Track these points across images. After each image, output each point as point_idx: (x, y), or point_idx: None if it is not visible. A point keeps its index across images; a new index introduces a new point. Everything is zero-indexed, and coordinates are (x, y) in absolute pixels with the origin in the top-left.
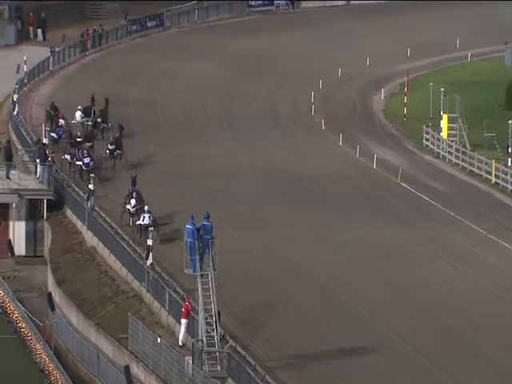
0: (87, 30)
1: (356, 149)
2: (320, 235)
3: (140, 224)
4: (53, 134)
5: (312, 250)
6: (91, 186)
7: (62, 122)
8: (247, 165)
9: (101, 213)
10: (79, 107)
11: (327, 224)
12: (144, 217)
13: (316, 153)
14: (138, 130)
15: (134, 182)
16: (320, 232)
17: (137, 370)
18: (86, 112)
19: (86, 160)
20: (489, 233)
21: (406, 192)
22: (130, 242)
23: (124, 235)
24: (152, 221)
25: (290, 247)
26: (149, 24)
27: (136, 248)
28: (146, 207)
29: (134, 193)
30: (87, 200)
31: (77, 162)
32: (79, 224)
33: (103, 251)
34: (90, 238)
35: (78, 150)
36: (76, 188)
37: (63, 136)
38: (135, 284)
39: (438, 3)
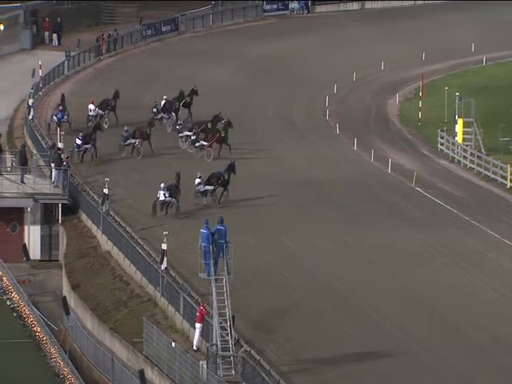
0: (102, 34)
1: (371, 153)
2: (335, 240)
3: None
4: (54, 118)
5: (327, 254)
6: (106, 191)
7: (91, 107)
8: (262, 170)
9: (115, 217)
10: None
11: (342, 229)
12: (160, 193)
13: (331, 157)
14: (153, 133)
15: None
16: (335, 237)
17: (151, 375)
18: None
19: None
20: (504, 237)
21: (420, 196)
22: (145, 247)
23: (139, 239)
24: (167, 197)
25: (304, 252)
26: (163, 28)
27: (151, 252)
28: (162, 184)
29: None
30: (102, 204)
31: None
32: (94, 228)
33: (118, 255)
34: (105, 243)
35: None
36: (91, 192)
37: (62, 120)
38: (150, 288)
39: (451, 7)
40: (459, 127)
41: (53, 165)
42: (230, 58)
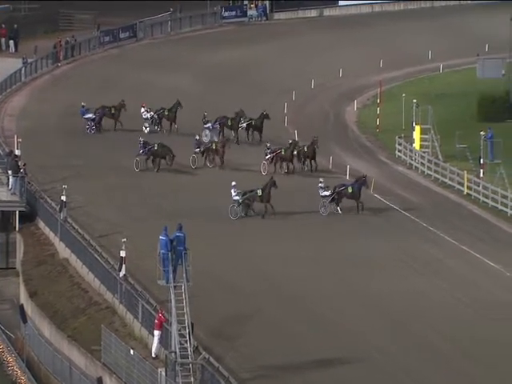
0: (60, 40)
1: (329, 160)
2: (294, 247)
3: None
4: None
5: (286, 262)
6: (64, 198)
7: (142, 110)
8: (221, 177)
9: (73, 224)
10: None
11: (300, 236)
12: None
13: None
14: (110, 141)
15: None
16: (294, 244)
17: (109, 382)
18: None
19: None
20: (461, 244)
21: (378, 203)
22: (103, 254)
23: (97, 247)
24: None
25: (264, 259)
26: (122, 35)
27: (109, 259)
28: (233, 183)
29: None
30: (60, 211)
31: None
32: (52, 235)
33: (76, 263)
34: (63, 250)
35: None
36: (48, 199)
37: (87, 116)
38: (108, 296)
39: (408, 16)
40: (416, 134)
41: (10, 172)
42: (189, 65)
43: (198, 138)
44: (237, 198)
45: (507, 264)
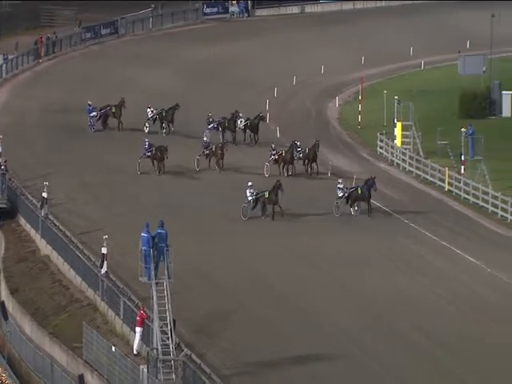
0: (41, 37)
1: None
2: (278, 243)
3: None
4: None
5: (269, 258)
6: (45, 194)
7: (148, 110)
8: (204, 174)
9: (55, 221)
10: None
11: (285, 232)
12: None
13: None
14: (91, 138)
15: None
16: (278, 240)
17: (91, 379)
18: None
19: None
20: (442, 240)
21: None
22: (85, 251)
23: (78, 243)
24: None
25: (246, 255)
26: (103, 31)
27: (91, 256)
28: (249, 183)
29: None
30: (41, 208)
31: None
32: (33, 232)
33: (57, 260)
34: (44, 247)
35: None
36: (30, 196)
37: (92, 115)
38: (89, 293)
39: (390, 13)
40: (398, 131)
41: None
42: (170, 62)
43: (205, 139)
44: (250, 198)
45: (488, 260)
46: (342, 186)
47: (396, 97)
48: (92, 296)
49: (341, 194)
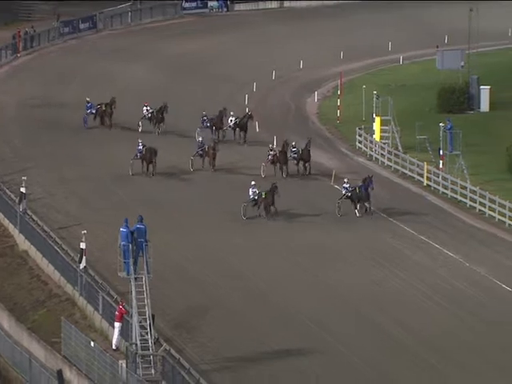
0: (19, 31)
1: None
2: (256, 238)
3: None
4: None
5: (247, 253)
6: (23, 189)
7: (144, 108)
8: (181, 167)
9: (33, 216)
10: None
11: (263, 227)
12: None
13: (250, 155)
14: (70, 132)
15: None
16: (256, 235)
17: (70, 375)
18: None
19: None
20: (420, 234)
21: (339, 194)
22: (63, 246)
23: (57, 239)
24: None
25: (225, 251)
26: (81, 26)
27: (69, 251)
28: (252, 182)
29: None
30: (19, 203)
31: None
32: (11, 227)
33: (36, 255)
34: (22, 242)
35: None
36: (8, 191)
37: (89, 111)
38: (68, 288)
39: (370, 7)
40: (377, 125)
41: None
42: (149, 57)
43: (200, 139)
44: (252, 197)
45: (467, 254)
46: (347, 186)
47: (375, 91)
48: (71, 291)
49: (343, 193)
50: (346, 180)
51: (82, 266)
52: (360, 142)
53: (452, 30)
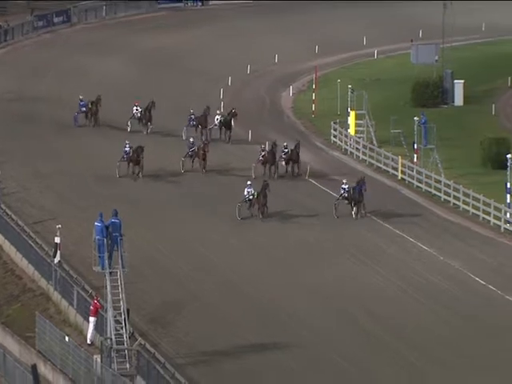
0: None
1: (265, 145)
2: (231, 233)
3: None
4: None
5: (223, 248)
6: None
7: (134, 108)
8: (160, 163)
9: (7, 210)
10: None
11: (239, 222)
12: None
13: (225, 149)
14: (44, 127)
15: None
16: (231, 230)
17: (44, 370)
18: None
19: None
20: (395, 228)
21: (314, 188)
22: (38, 240)
23: (31, 233)
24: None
25: (201, 245)
26: (55, 20)
27: (43, 246)
28: (248, 182)
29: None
30: None
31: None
32: None
33: (10, 249)
34: None
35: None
36: None
37: (82, 109)
38: (42, 282)
39: (345, 1)
40: (352, 119)
41: None
42: (124, 51)
43: (191, 140)
44: (246, 197)
45: (441, 248)
46: (346, 187)
47: (350, 86)
48: (45, 286)
49: (341, 193)
50: (344, 181)
51: (56, 260)
52: (335, 136)
53: (426, 25)
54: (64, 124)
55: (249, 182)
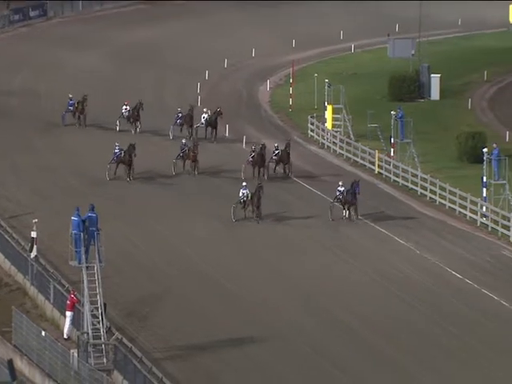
0: None
1: (242, 140)
2: (210, 228)
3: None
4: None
5: (201, 242)
6: None
7: (124, 107)
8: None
9: None
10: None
11: (217, 217)
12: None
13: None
14: (21, 121)
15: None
16: (210, 225)
17: (21, 364)
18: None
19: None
20: (371, 222)
21: (291, 182)
22: (14, 235)
23: (7, 227)
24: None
25: (178, 240)
26: (32, 13)
27: (20, 240)
28: (244, 183)
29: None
30: None
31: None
32: None
33: None
34: None
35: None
36: None
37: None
38: (19, 277)
39: None
40: (329, 114)
41: None
42: (101, 45)
43: (184, 141)
44: (241, 198)
45: (417, 242)
46: (342, 189)
47: (327, 80)
48: (21, 280)
49: (337, 195)
50: (340, 183)
51: (32, 254)
52: (312, 131)
53: (403, 19)
54: (40, 118)
55: (244, 184)
